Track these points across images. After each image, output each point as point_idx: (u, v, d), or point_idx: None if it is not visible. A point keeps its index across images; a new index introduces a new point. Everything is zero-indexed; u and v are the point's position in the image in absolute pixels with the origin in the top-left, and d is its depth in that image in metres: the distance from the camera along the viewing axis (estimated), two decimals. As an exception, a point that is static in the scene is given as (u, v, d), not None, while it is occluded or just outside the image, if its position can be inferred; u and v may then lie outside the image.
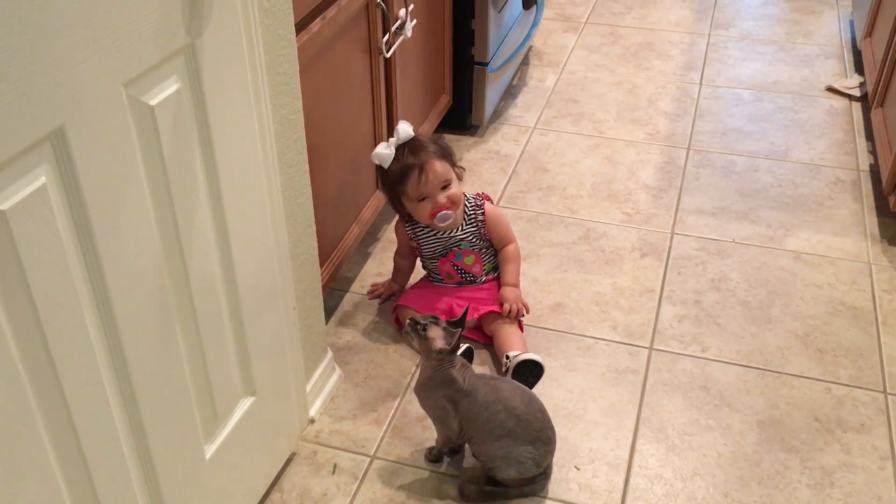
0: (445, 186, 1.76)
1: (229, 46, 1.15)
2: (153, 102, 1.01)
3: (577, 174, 2.46)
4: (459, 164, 1.86)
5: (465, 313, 1.51)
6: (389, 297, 1.98)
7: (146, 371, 1.09)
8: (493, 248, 1.90)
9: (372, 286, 2.01)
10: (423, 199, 1.76)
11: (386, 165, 1.75)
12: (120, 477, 1.10)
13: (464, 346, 1.76)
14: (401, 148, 1.75)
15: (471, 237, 1.85)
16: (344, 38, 1.70)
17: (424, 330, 1.48)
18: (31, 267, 0.87)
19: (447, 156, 1.79)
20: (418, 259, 1.96)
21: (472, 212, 1.84)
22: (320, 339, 1.68)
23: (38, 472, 0.95)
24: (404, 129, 1.75)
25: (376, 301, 1.98)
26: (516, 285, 1.86)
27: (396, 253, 1.98)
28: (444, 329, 1.48)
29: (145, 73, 0.99)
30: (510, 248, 1.88)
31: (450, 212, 1.77)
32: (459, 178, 1.82)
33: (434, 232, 1.84)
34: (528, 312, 1.87)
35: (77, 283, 0.95)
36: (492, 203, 1.89)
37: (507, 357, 1.72)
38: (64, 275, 0.92)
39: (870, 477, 1.58)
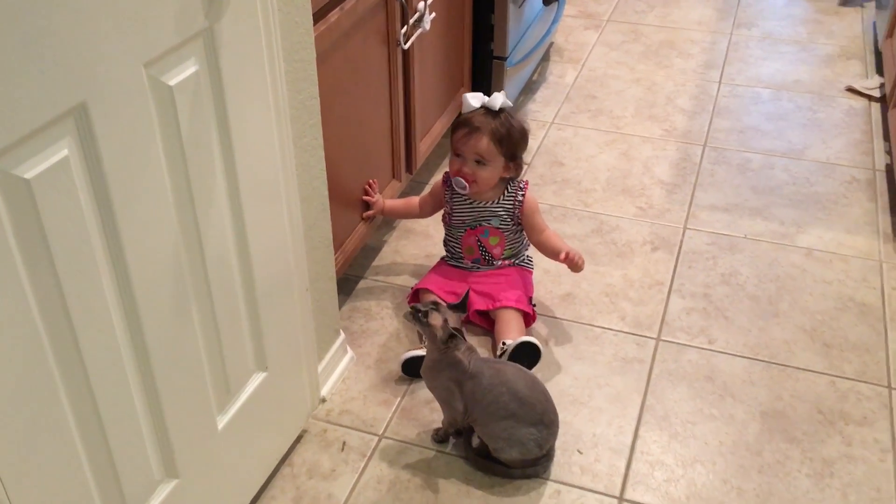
0: (480, 161, 1.81)
1: (247, 32, 1.19)
2: (172, 83, 1.06)
3: (592, 169, 2.49)
4: (524, 161, 1.90)
5: (466, 296, 1.55)
6: (371, 216, 1.96)
7: (161, 340, 1.14)
8: (517, 236, 1.93)
9: (369, 189, 1.95)
10: (458, 156, 1.85)
11: (464, 110, 1.86)
12: (135, 441, 1.15)
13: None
14: (484, 107, 1.84)
15: (504, 214, 1.89)
16: (362, 30, 1.75)
17: (426, 316, 1.52)
18: (52, 235, 0.93)
19: (505, 143, 1.82)
20: (413, 219, 2.07)
21: (513, 190, 1.88)
22: (333, 321, 1.73)
23: (57, 435, 1.01)
24: (496, 97, 1.84)
25: (370, 214, 1.96)
26: (567, 247, 1.87)
27: (418, 197, 2.04)
28: (445, 319, 1.51)
29: (165, 54, 1.04)
30: (549, 231, 1.91)
31: (465, 183, 1.83)
32: (510, 172, 1.86)
33: (471, 201, 1.89)
34: (582, 267, 1.85)
35: (96, 253, 1.00)
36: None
37: (504, 343, 1.76)
38: (84, 244, 0.98)
39: (870, 469, 1.60)
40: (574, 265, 1.85)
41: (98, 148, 0.96)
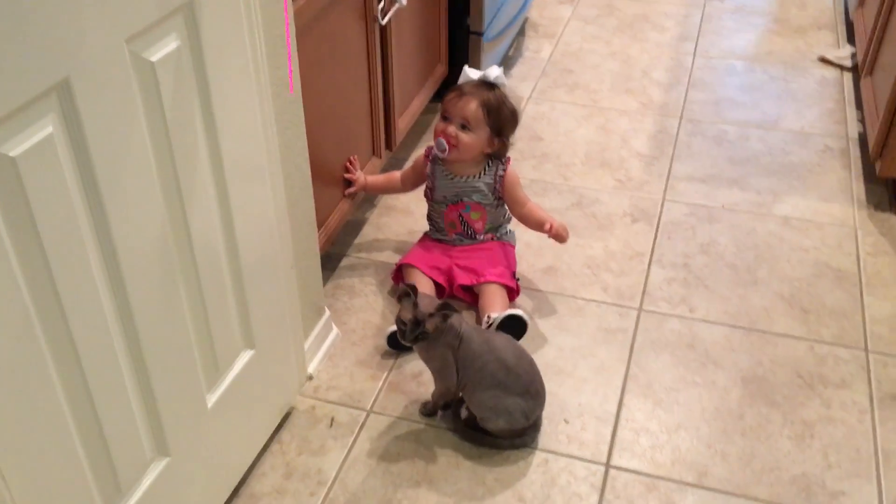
0: (465, 126, 1.82)
1: (227, 7, 1.18)
2: (154, 59, 1.05)
3: (571, 143, 2.50)
4: (509, 141, 1.90)
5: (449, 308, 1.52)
6: (353, 193, 1.97)
7: (150, 317, 1.14)
8: (499, 210, 1.94)
9: (350, 167, 1.95)
10: (445, 119, 1.85)
11: (460, 81, 1.89)
12: (126, 420, 1.15)
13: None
14: (481, 81, 1.86)
15: (485, 189, 1.90)
16: (340, 5, 1.74)
17: (424, 326, 1.48)
18: (39, 212, 0.92)
19: (493, 115, 1.83)
20: (394, 196, 2.10)
21: (494, 165, 1.89)
22: (318, 298, 1.73)
23: (49, 415, 1.01)
24: (492, 69, 1.87)
25: (352, 191, 1.96)
26: (550, 218, 1.89)
27: (399, 171, 2.04)
28: (441, 316, 1.49)
29: (146, 29, 1.03)
30: (530, 205, 1.92)
31: (446, 144, 1.83)
32: (493, 147, 1.86)
33: (452, 175, 1.89)
34: (566, 238, 1.89)
35: (84, 231, 1.00)
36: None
37: (489, 317, 1.77)
38: (71, 222, 0.97)
39: (849, 430, 1.63)
40: (559, 237, 1.87)
41: (82, 125, 0.96)
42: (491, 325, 1.74)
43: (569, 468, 1.56)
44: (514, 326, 1.75)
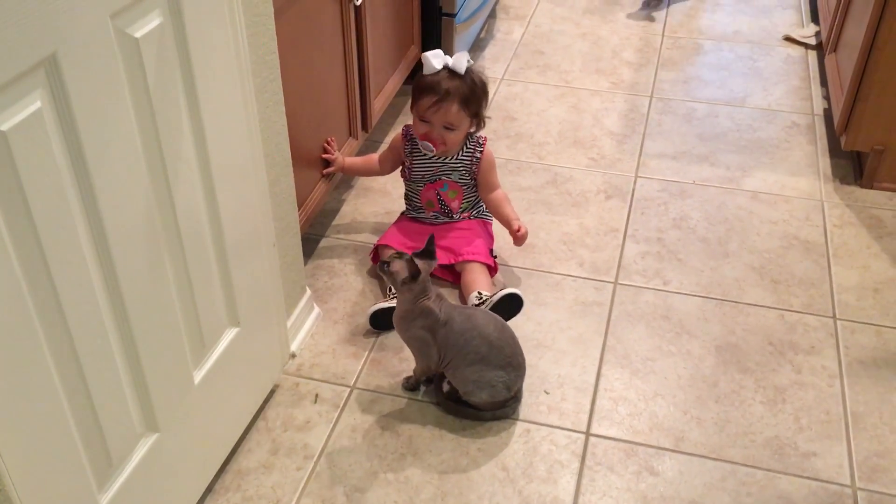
0: (449, 128, 1.84)
1: (208, -16, 1.19)
2: (138, 35, 1.06)
3: (544, 122, 2.53)
4: (485, 115, 1.91)
5: (431, 240, 1.56)
6: (331, 173, 1.98)
7: (138, 293, 1.15)
8: (474, 190, 1.96)
9: (328, 147, 1.95)
10: (424, 121, 1.85)
11: (426, 71, 1.85)
12: (116, 395, 1.16)
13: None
14: (447, 69, 1.84)
15: (461, 170, 1.92)
16: (315, -15, 1.75)
17: (389, 265, 1.53)
18: (29, 186, 0.93)
19: (472, 104, 1.84)
20: (371, 178, 2.13)
21: (471, 146, 1.91)
22: (299, 277, 1.75)
23: (42, 390, 1.01)
24: (459, 59, 1.84)
25: (330, 171, 1.97)
26: (518, 217, 1.92)
27: (377, 154, 2.05)
28: (407, 261, 1.53)
29: (130, 5, 1.04)
30: (499, 192, 1.95)
31: (433, 147, 1.86)
32: (474, 127, 1.89)
33: (429, 156, 1.91)
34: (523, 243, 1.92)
35: (72, 203, 1.01)
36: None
37: (481, 294, 1.80)
38: (60, 195, 0.98)
39: (819, 394, 1.69)
40: (519, 240, 1.89)
41: (69, 99, 0.96)
42: (483, 302, 1.76)
43: (550, 437, 1.60)
44: (511, 305, 1.78)
